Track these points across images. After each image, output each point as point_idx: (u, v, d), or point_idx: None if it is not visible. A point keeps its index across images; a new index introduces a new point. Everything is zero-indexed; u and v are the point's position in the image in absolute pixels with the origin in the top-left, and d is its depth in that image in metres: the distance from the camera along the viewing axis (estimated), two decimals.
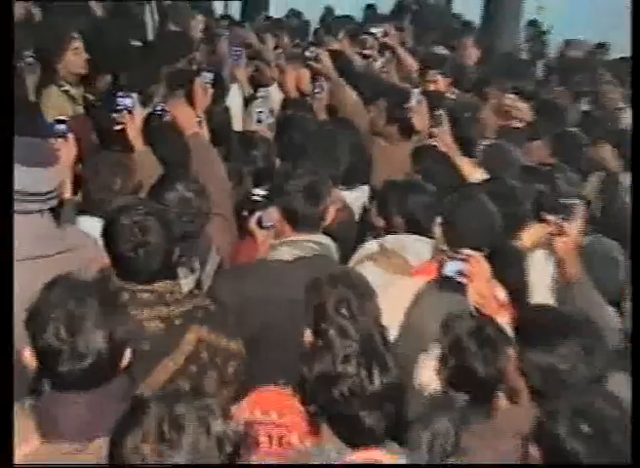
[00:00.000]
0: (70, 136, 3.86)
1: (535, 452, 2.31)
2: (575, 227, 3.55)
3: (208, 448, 1.81)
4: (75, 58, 5.23)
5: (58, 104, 5.08)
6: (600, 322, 3.02)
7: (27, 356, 2.20)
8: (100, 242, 2.98)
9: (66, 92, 5.23)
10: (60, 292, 2.18)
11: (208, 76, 5.07)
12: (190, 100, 4.76)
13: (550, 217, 3.61)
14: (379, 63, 7.18)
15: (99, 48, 5.44)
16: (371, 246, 3.84)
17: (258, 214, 3.77)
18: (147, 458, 1.78)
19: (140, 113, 4.31)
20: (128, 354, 2.26)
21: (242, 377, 2.94)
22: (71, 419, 2.11)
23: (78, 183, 3.72)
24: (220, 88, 5.52)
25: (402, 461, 2.31)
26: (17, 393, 2.25)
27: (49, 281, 2.25)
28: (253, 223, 3.78)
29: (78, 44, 5.23)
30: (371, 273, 3.38)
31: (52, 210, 3.16)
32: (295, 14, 10.50)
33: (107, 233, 2.87)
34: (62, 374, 2.13)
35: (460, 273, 3.21)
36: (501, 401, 2.85)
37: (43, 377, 2.20)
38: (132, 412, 1.88)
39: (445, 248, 3.40)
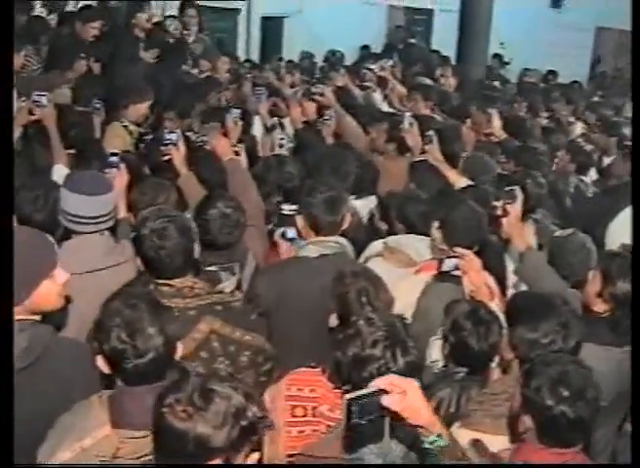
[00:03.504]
0: (122, 165, 3.76)
1: (528, 421, 2.23)
2: (515, 208, 3.60)
3: (226, 416, 1.74)
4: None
5: (119, 135, 5.11)
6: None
7: (100, 361, 2.17)
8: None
9: (126, 127, 5.25)
10: (116, 304, 2.16)
11: (236, 112, 5.05)
12: (224, 132, 4.77)
13: (496, 203, 3.63)
14: (377, 93, 7.09)
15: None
16: (376, 245, 3.75)
17: (281, 229, 3.68)
18: (177, 416, 1.74)
19: (183, 146, 4.24)
20: (180, 348, 2.22)
21: (265, 367, 2.87)
22: (138, 410, 2.05)
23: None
24: (247, 121, 5.52)
25: None
26: (94, 390, 2.21)
27: (106, 298, 2.24)
28: (277, 236, 3.68)
29: None
30: (380, 267, 3.34)
31: (110, 229, 3.15)
32: (307, 55, 10.40)
33: (135, 240, 2.83)
34: (129, 371, 2.10)
35: (456, 268, 3.17)
36: (494, 371, 2.82)
37: (115, 376, 2.16)
38: (175, 380, 1.86)
39: (443, 247, 3.35)
